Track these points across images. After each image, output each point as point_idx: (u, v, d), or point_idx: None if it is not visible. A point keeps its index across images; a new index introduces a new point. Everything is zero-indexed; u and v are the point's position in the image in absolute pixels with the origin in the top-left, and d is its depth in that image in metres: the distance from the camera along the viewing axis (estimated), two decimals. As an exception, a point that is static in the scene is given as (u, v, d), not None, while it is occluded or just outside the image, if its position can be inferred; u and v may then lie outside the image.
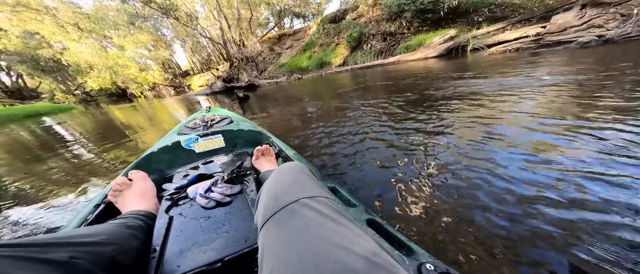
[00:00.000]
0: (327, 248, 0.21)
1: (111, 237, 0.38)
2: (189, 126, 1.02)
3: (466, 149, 1.17)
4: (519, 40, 5.83)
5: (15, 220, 1.22)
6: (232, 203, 0.50)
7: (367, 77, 5.77)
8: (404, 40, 9.26)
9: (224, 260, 0.37)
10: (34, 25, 18.08)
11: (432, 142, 1.32)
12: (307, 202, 0.28)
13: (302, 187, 0.31)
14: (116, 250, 0.36)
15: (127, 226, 0.43)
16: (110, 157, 2.17)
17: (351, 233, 0.24)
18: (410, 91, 2.91)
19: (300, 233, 0.24)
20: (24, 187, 1.72)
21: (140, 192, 0.57)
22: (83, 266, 0.30)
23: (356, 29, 10.69)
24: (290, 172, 0.35)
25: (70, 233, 0.35)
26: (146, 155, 0.79)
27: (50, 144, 3.28)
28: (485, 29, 7.05)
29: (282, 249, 0.23)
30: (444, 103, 2.09)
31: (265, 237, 0.26)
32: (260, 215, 0.30)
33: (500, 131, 1.32)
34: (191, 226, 0.45)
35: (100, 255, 0.34)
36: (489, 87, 2.39)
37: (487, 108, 1.76)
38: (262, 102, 4.76)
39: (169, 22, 17.84)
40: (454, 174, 0.98)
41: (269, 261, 0.23)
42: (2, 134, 5.44)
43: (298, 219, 0.26)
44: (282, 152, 0.82)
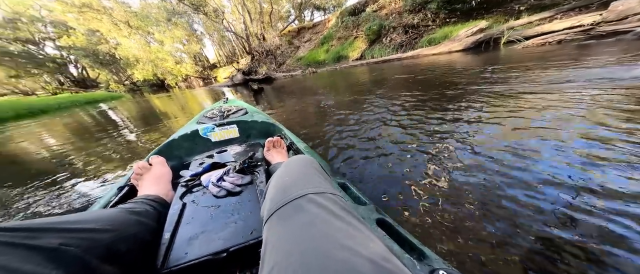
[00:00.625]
0: (332, 247, 0.21)
1: (109, 223, 0.36)
2: (207, 115, 1.07)
3: (493, 154, 1.02)
4: (564, 31, 4.90)
5: (71, 190, 1.38)
6: (242, 193, 0.50)
7: (381, 71, 5.53)
8: (427, 33, 8.50)
9: (229, 250, 0.37)
10: (95, 24, 21.15)
11: (448, 143, 1.20)
12: (314, 198, 0.27)
13: (310, 182, 0.30)
14: (113, 237, 0.35)
15: (133, 212, 0.42)
16: (147, 139, 2.45)
17: (359, 233, 0.23)
18: (427, 87, 2.70)
19: (305, 230, 0.23)
20: (79, 162, 1.98)
21: (155, 177, 0.58)
22: (74, 253, 0.29)
23: (376, 21, 10.14)
24: (299, 165, 0.35)
25: (62, 218, 0.34)
26: (168, 142, 0.83)
27: (103, 126, 3.86)
28: (526, 19, 6.04)
29: (285, 244, 0.23)
30: (467, 100, 1.86)
31: (269, 231, 0.26)
32: (267, 208, 0.30)
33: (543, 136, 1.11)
34: (202, 214, 0.46)
35: (95, 242, 0.32)
36: (530, 85, 2.00)
37: (526, 108, 1.49)
38: (276, 95, 4.98)
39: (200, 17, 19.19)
40: (473, 178, 0.89)
41: (271, 256, 0.23)
42: (69, 116, 6.68)
43: (304, 215, 0.25)
44: (293, 145, 0.82)
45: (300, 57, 14.38)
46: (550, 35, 4.99)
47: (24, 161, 2.38)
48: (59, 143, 2.92)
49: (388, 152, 1.22)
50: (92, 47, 22.05)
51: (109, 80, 24.43)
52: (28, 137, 3.88)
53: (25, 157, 2.50)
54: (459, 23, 7.66)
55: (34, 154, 2.57)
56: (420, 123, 1.55)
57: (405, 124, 1.59)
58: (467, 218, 0.72)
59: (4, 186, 1.59)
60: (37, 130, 4.55)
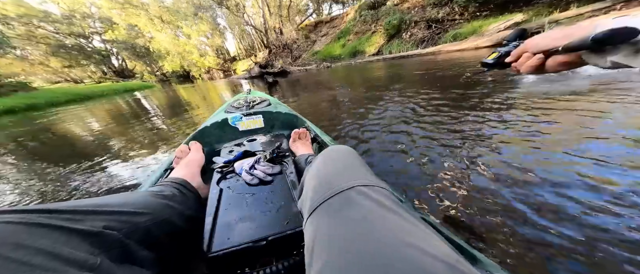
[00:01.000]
0: (395, 245, 0.19)
1: (144, 207, 0.35)
2: (234, 105, 1.09)
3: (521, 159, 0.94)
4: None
5: (109, 171, 1.47)
6: (273, 183, 0.51)
7: (398, 67, 5.33)
8: (452, 28, 7.83)
9: (268, 239, 0.37)
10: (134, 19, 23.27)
11: (469, 144, 1.14)
12: (364, 190, 0.25)
13: (356, 174, 0.28)
14: (150, 221, 0.34)
15: (162, 196, 0.42)
16: (174, 125, 2.69)
17: (419, 230, 0.21)
18: (445, 85, 2.56)
19: (360, 225, 0.21)
20: (118, 143, 2.18)
21: (187, 161, 0.60)
22: (117, 238, 0.28)
23: (396, 15, 9.59)
24: (341, 156, 0.33)
25: (103, 200, 0.33)
26: (201, 129, 0.87)
27: (136, 112, 4.35)
28: (573, 11, 5.22)
29: (338, 241, 0.21)
30: (490, 103, 1.71)
31: (316, 225, 0.24)
32: (309, 200, 0.28)
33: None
34: (238, 200, 0.46)
35: (134, 226, 0.31)
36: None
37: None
38: (291, 88, 5.14)
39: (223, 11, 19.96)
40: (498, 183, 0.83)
41: (321, 253, 0.21)
42: (109, 103, 7.54)
43: (355, 209, 0.23)
44: (318, 137, 0.82)
45: (316, 51, 14.28)
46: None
47: (73, 141, 2.71)
48: (102, 126, 3.30)
49: (407, 148, 1.20)
50: (131, 41, 24.33)
51: (143, 71, 26.86)
52: (76, 119, 4.44)
53: (73, 138, 2.86)
54: (491, 17, 6.90)
55: (80, 135, 2.95)
56: (436, 121, 1.54)
57: (423, 121, 1.55)
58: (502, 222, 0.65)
59: (57, 163, 1.79)
60: (83, 114, 5.18)
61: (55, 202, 0.28)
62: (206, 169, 0.64)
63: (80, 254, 0.23)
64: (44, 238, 0.22)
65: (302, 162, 0.59)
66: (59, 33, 21.72)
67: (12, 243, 0.20)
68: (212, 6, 18.95)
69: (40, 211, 0.24)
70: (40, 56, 20.68)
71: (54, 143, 2.68)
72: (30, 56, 20.34)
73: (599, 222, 0.62)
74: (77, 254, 0.23)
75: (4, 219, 0.21)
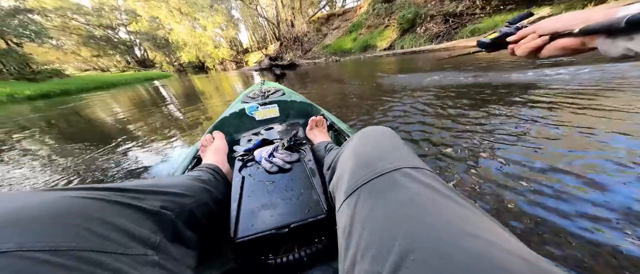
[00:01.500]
0: (452, 233, 0.17)
1: (189, 189, 0.37)
2: (250, 95, 1.12)
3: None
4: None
5: (133, 157, 1.57)
6: (291, 171, 0.52)
7: (409, 63, 5.22)
8: (471, 22, 7.36)
9: (291, 226, 0.37)
10: (155, 11, 24.33)
11: (479, 141, 1.12)
12: (411, 172, 0.23)
13: (400, 155, 0.27)
14: (194, 203, 0.36)
15: (200, 180, 0.44)
16: (190, 114, 2.79)
17: (483, 220, 0.18)
18: (455, 82, 2.47)
19: (408, 207, 0.20)
20: (136, 129, 2.30)
21: (215, 148, 0.63)
22: (170, 218, 0.29)
23: (411, 9, 9.18)
24: (381, 136, 0.31)
25: (159, 181, 0.35)
26: (221, 119, 0.90)
27: (155, 100, 4.65)
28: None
29: (381, 223, 0.20)
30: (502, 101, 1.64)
31: (353, 207, 0.23)
32: (346, 181, 0.26)
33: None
34: (259, 188, 0.47)
35: (182, 207, 0.33)
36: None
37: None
38: (299, 80, 5.26)
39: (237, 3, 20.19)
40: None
41: (361, 235, 0.20)
42: (132, 90, 8.15)
43: (402, 191, 0.21)
44: (334, 124, 0.83)
45: (327, 44, 14.11)
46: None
47: (98, 124, 2.94)
48: (124, 111, 3.58)
49: (415, 140, 1.21)
50: (152, 32, 25.54)
51: (162, 61, 28.19)
52: (102, 105, 4.88)
53: (98, 121, 3.11)
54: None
55: (104, 119, 3.20)
56: (446, 118, 1.49)
57: (429, 117, 1.54)
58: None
59: (84, 143, 1.98)
60: (109, 100, 5.68)
61: (121, 182, 0.30)
62: (227, 157, 0.66)
63: (145, 231, 0.24)
64: (119, 215, 0.23)
65: (321, 149, 0.59)
66: (89, 24, 23.33)
67: (98, 218, 0.21)
68: None
69: (114, 189, 0.26)
70: (73, 46, 22.42)
71: (81, 126, 2.96)
72: (64, 46, 22.11)
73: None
74: (143, 231, 0.24)
75: (90, 195, 0.23)
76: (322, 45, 14.32)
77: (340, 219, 0.25)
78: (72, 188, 0.23)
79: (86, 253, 0.18)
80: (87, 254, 0.18)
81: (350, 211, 0.23)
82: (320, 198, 0.42)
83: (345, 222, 0.23)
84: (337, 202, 0.28)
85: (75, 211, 0.20)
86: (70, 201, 0.21)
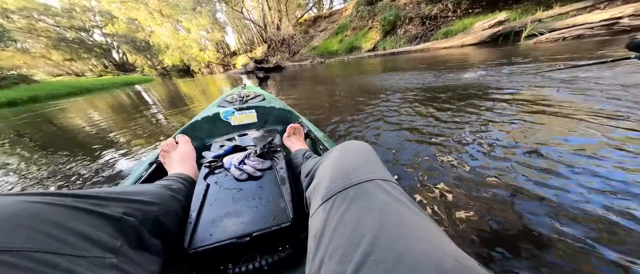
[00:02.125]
0: (409, 236, 0.20)
1: (155, 197, 0.37)
2: (227, 99, 1.08)
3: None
4: (585, 26, 4.23)
5: (107, 161, 1.54)
6: (262, 178, 0.50)
7: (386, 64, 5.46)
8: (445, 24, 7.85)
9: (253, 235, 0.37)
10: (134, 13, 23.23)
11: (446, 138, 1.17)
12: (382, 184, 0.26)
13: (374, 168, 0.29)
14: (161, 211, 0.36)
15: (169, 189, 0.43)
16: (172, 118, 2.74)
17: (432, 227, 0.22)
18: (421, 81, 2.71)
19: (375, 215, 0.22)
20: (114, 135, 2.20)
21: (182, 155, 0.60)
22: (133, 224, 0.30)
23: (392, 11, 9.58)
24: (360, 150, 0.34)
25: (124, 189, 0.36)
26: (191, 123, 0.86)
27: (133, 105, 4.47)
28: (556, 10, 5.28)
29: (350, 228, 0.22)
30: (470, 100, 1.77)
31: (328, 212, 0.25)
32: (324, 188, 0.28)
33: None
34: (225, 196, 0.46)
35: (147, 214, 0.33)
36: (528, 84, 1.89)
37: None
38: (281, 83, 5.31)
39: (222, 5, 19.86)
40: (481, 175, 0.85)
41: (331, 238, 0.22)
42: (111, 95, 7.73)
43: (373, 200, 0.24)
44: (311, 133, 0.82)
45: (314, 46, 14.28)
46: (567, 30, 4.38)
47: (68, 131, 2.83)
48: (99, 118, 3.43)
49: (386, 141, 1.24)
50: (131, 35, 24.36)
51: (144, 65, 26.96)
52: (75, 111, 4.61)
53: (69, 129, 2.97)
54: (482, 15, 6.93)
55: (77, 126, 3.06)
56: (412, 115, 1.58)
57: (400, 116, 1.62)
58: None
59: (52, 152, 1.89)
60: (83, 106, 5.35)
61: (83, 189, 0.32)
62: (197, 163, 0.63)
63: (104, 236, 0.25)
64: (77, 220, 0.24)
65: (299, 157, 0.59)
66: (59, 26, 21.81)
67: (53, 221, 0.22)
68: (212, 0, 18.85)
69: (74, 195, 0.26)
70: (42, 49, 20.84)
71: (51, 133, 2.82)
72: (32, 49, 20.51)
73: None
74: (102, 236, 0.25)
75: (46, 200, 0.23)
76: (310, 47, 14.47)
77: (314, 223, 0.26)
78: (29, 193, 0.23)
79: (39, 254, 0.19)
80: (41, 255, 0.19)
81: (324, 215, 0.25)
82: (288, 206, 0.42)
83: (318, 225, 0.25)
84: (313, 207, 0.29)
85: (30, 215, 0.21)
86: (25, 205, 0.21)
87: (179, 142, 0.64)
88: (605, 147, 0.89)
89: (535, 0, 6.29)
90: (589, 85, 1.62)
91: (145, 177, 0.56)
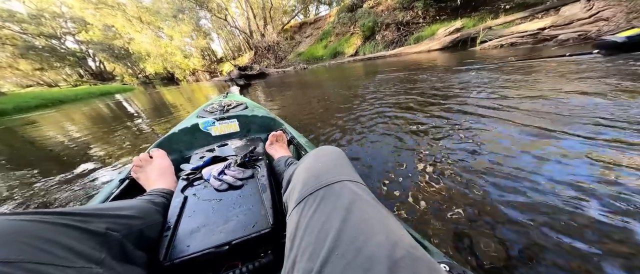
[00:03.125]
0: (368, 231, 0.22)
1: (139, 211, 0.39)
2: (207, 109, 1.06)
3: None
4: (517, 35, 5.00)
5: (87, 175, 1.51)
6: (243, 187, 0.50)
7: (363, 69, 5.91)
8: (417, 30, 8.50)
9: (232, 244, 0.37)
10: (110, 20, 22.31)
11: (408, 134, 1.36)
12: (349, 185, 0.28)
13: (343, 171, 0.32)
14: (144, 224, 0.38)
15: (152, 203, 0.44)
16: (152, 128, 2.70)
17: (392, 222, 0.24)
18: (388, 84, 3.08)
19: (341, 213, 0.24)
20: (88, 149, 2.13)
21: (160, 170, 0.59)
22: (116, 238, 0.31)
23: (370, 18, 10.17)
24: (331, 154, 0.36)
25: (107, 205, 0.38)
26: (168, 135, 0.83)
27: (117, 115, 4.35)
28: (502, 19, 6.05)
29: (318, 226, 0.24)
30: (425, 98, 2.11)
31: (300, 214, 0.27)
32: (297, 191, 0.30)
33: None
34: (203, 207, 0.46)
35: (131, 228, 0.35)
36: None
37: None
38: (266, 88, 5.50)
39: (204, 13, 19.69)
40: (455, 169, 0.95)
41: (302, 238, 0.24)
42: (87, 106, 7.47)
43: (339, 199, 0.26)
44: (294, 139, 0.82)
45: (300, 52, 14.61)
46: (503, 38, 5.13)
47: (36, 145, 2.74)
48: (74, 130, 3.33)
49: (358, 144, 1.37)
50: (108, 42, 23.31)
51: (124, 73, 25.82)
52: (47, 124, 4.48)
53: (37, 142, 2.89)
54: (447, 21, 7.65)
55: (46, 139, 2.95)
56: (385, 119, 1.75)
57: (375, 119, 1.79)
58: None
59: (17, 167, 1.83)
60: (54, 119, 5.20)
61: (69, 207, 0.34)
62: (176, 176, 0.62)
63: (88, 249, 0.27)
64: (62, 235, 0.26)
65: (281, 164, 0.61)
66: (27, 33, 20.44)
67: (40, 237, 0.24)
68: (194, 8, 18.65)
69: (59, 213, 0.28)
70: (8, 58, 19.39)
71: (16, 148, 2.76)
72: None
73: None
74: (87, 249, 0.27)
75: (32, 218, 0.26)
76: (296, 53, 14.78)
77: (289, 225, 0.28)
78: (16, 212, 0.26)
79: (33, 265, 0.21)
80: (34, 266, 0.21)
81: (297, 217, 0.27)
82: (268, 213, 0.42)
83: (292, 227, 0.27)
84: (289, 210, 0.31)
85: (22, 231, 0.23)
86: (14, 223, 0.24)
87: (154, 156, 0.63)
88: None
89: (489, 9, 7.06)
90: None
91: (116, 194, 0.55)
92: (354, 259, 0.20)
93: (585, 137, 1.03)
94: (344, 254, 0.20)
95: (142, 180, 0.58)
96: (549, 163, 0.90)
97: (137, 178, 0.59)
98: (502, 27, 5.82)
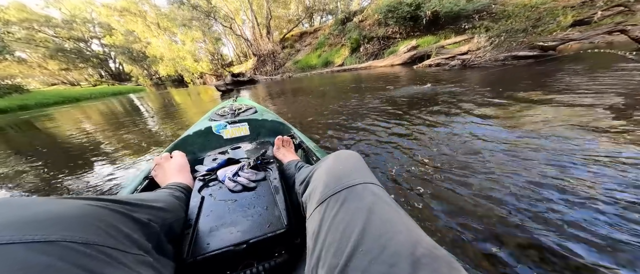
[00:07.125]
0: (390, 230, 0.23)
1: (169, 205, 0.40)
2: (218, 113, 1.08)
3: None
4: (441, 57, 5.60)
5: (102, 172, 1.55)
6: (256, 189, 0.52)
7: (336, 79, 6.37)
8: (394, 44, 9.01)
9: (249, 242, 0.38)
10: (132, 25, 24.47)
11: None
12: (371, 187, 0.30)
13: (364, 174, 0.34)
14: (173, 218, 0.39)
15: (175, 197, 0.45)
16: (161, 125, 2.92)
17: (411, 223, 0.25)
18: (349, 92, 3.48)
19: (364, 213, 0.26)
20: (101, 143, 2.31)
21: (178, 166, 0.61)
22: (155, 229, 0.32)
23: (357, 31, 10.76)
24: (351, 158, 0.39)
25: (143, 196, 0.39)
26: (183, 137, 0.85)
27: (129, 113, 4.77)
28: (452, 39, 6.53)
29: (342, 225, 0.25)
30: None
31: (323, 213, 0.29)
32: (319, 192, 0.32)
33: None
34: (220, 207, 0.47)
35: (165, 221, 0.36)
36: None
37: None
38: (251, 93, 5.95)
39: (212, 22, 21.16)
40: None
41: (325, 235, 0.26)
42: (103, 104, 8.39)
43: (361, 201, 0.28)
44: (303, 143, 0.83)
45: (297, 60, 15.36)
46: (431, 60, 5.65)
47: (49, 135, 3.17)
48: (86, 125, 3.72)
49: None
50: (128, 46, 25.46)
51: (139, 75, 27.85)
52: (63, 119, 5.14)
53: (50, 132, 3.37)
54: (420, 37, 8.14)
55: (57, 130, 3.46)
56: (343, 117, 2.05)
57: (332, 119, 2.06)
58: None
59: (45, 161, 1.95)
60: (68, 114, 5.95)
61: (117, 195, 0.37)
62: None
63: (139, 238, 0.28)
64: (120, 222, 0.27)
65: (291, 168, 0.62)
66: (58, 37, 22.85)
67: (107, 222, 0.26)
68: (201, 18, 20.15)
69: (112, 200, 0.29)
70: (39, 59, 21.67)
71: (32, 135, 3.30)
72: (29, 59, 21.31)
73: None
74: (139, 238, 0.28)
75: (99, 204, 0.27)
76: (294, 61, 15.55)
77: (311, 224, 0.30)
78: (86, 197, 0.28)
79: (104, 247, 0.23)
80: (104, 249, 0.23)
81: (320, 216, 0.29)
82: (282, 214, 0.44)
83: (315, 225, 0.29)
84: (309, 210, 0.33)
85: (94, 215, 0.25)
86: (89, 208, 0.26)
87: (174, 156, 0.66)
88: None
89: (452, 28, 7.49)
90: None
91: (141, 190, 0.58)
92: (379, 255, 0.21)
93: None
94: (369, 250, 0.22)
95: (159, 178, 0.60)
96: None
97: (155, 176, 0.61)
98: (453, 46, 6.17)
